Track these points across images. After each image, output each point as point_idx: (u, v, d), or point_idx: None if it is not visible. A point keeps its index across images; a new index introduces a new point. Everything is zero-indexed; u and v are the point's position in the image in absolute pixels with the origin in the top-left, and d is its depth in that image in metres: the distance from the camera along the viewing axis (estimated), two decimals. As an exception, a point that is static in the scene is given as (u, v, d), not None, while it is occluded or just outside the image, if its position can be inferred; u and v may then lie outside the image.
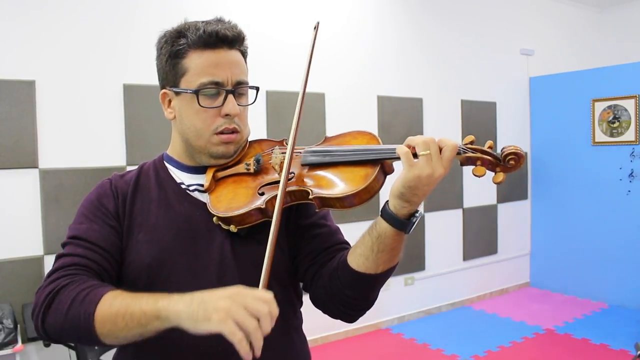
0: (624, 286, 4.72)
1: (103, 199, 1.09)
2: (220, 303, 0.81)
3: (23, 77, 2.87)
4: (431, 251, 4.62)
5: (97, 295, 0.91)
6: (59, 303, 0.92)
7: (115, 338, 0.91)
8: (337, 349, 3.91)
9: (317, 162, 1.03)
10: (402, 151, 0.91)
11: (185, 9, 3.31)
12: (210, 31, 1.04)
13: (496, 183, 0.94)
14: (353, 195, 0.96)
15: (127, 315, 0.88)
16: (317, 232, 1.12)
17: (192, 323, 0.83)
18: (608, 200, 4.80)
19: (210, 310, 0.81)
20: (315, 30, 1.10)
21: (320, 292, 1.07)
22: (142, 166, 1.19)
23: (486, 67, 5.03)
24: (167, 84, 1.10)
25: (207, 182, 1.09)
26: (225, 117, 1.06)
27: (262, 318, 0.80)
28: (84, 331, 0.90)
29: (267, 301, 0.82)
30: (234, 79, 1.06)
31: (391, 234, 0.94)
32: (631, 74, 4.65)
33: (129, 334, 0.89)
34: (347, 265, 1.00)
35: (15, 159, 2.86)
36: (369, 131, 1.07)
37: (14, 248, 2.86)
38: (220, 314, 0.79)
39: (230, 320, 0.79)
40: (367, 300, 1.05)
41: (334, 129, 3.97)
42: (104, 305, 0.90)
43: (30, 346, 2.84)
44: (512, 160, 0.92)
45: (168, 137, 1.20)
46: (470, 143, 0.96)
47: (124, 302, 0.89)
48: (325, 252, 1.10)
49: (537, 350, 3.87)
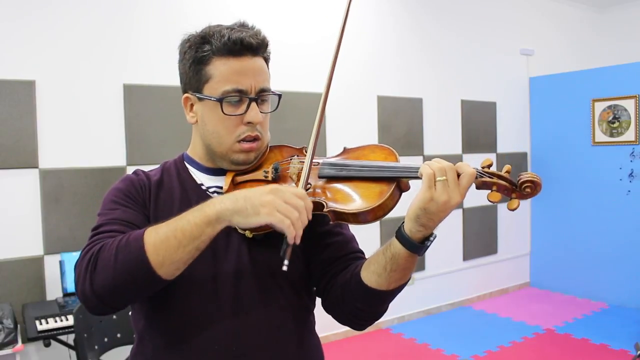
0: (624, 286, 4.72)
1: (131, 189, 1.09)
2: (264, 198, 0.87)
3: (23, 77, 2.87)
4: (431, 251, 4.55)
5: (140, 233, 0.92)
6: (104, 259, 0.91)
7: (171, 262, 0.90)
8: (337, 349, 3.91)
9: (334, 175, 1.04)
10: (426, 172, 0.90)
11: (185, 9, 3.31)
12: (235, 39, 1.03)
13: (511, 210, 0.92)
14: (367, 212, 0.96)
15: (178, 233, 0.89)
16: (332, 240, 1.13)
17: (242, 218, 0.88)
18: (608, 200, 4.80)
19: (257, 204, 0.87)
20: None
21: (332, 301, 1.10)
22: (164, 165, 1.19)
23: (486, 67, 5.03)
24: (189, 88, 1.10)
25: (226, 185, 1.09)
26: (248, 125, 1.06)
27: (301, 210, 0.88)
28: (139, 269, 0.89)
29: (303, 196, 0.90)
30: (257, 86, 1.06)
31: (405, 255, 0.95)
32: (631, 74, 4.65)
33: (184, 252, 0.90)
34: (360, 280, 1.02)
35: (15, 159, 2.86)
36: (388, 146, 1.07)
37: (14, 248, 2.86)
38: (267, 208, 0.87)
39: (276, 212, 0.86)
40: (377, 312, 1.08)
41: (334, 129, 3.99)
42: (151, 236, 0.90)
43: (30, 346, 2.84)
44: (529, 188, 0.91)
45: (168, 137, 1.20)
46: (487, 166, 0.94)
47: (169, 225, 0.91)
48: (339, 260, 1.11)
49: (537, 350, 3.87)
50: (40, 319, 2.57)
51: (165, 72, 3.11)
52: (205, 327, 1.03)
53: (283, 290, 1.08)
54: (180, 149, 1.24)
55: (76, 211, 3.01)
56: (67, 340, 2.72)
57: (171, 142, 3.20)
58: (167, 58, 2.56)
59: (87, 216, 3.00)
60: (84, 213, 3.00)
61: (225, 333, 1.03)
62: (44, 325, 2.54)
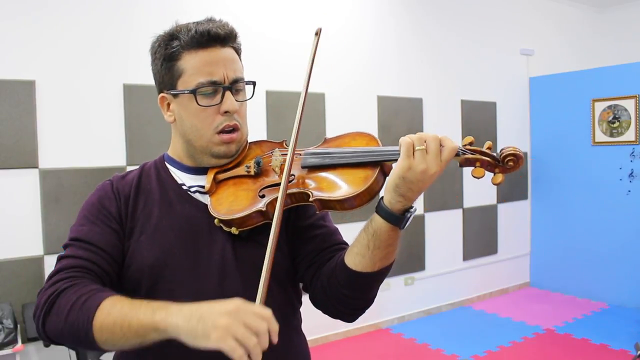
0: (624, 286, 4.72)
1: (104, 201, 1.09)
2: (219, 320, 0.81)
3: (23, 77, 2.87)
4: (431, 251, 4.62)
5: (96, 302, 0.91)
6: (58, 307, 0.93)
7: (113, 346, 0.92)
8: (337, 349, 3.91)
9: (317, 164, 1.04)
10: (404, 141, 0.91)
11: (185, 9, 3.31)
12: (202, 31, 1.04)
13: (495, 184, 0.94)
14: (353, 197, 0.96)
15: (124, 326, 0.87)
16: (315, 233, 1.12)
17: (191, 339, 0.83)
18: (608, 200, 4.80)
19: (210, 327, 0.81)
20: (317, 37, 1.11)
21: (319, 293, 1.08)
22: (143, 166, 1.18)
23: (486, 67, 5.03)
24: (164, 87, 1.10)
25: (208, 183, 1.09)
26: (225, 115, 1.06)
27: (261, 335, 0.81)
28: (83, 337, 0.91)
29: (266, 318, 0.83)
30: (230, 76, 1.06)
31: (386, 229, 0.94)
32: (631, 74, 4.65)
33: (127, 343, 0.90)
34: (344, 264, 1.01)
35: (15, 159, 2.86)
36: (368, 132, 1.07)
37: (14, 248, 2.86)
38: (219, 332, 0.80)
39: (230, 338, 0.79)
40: (366, 299, 1.06)
41: (334, 129, 3.98)
42: (102, 314, 0.90)
43: (30, 346, 2.84)
44: (511, 162, 0.93)
45: (168, 137, 1.20)
46: (469, 144, 0.96)
47: (122, 312, 0.89)
48: (323, 252, 1.10)
49: (537, 350, 3.87)
50: (40, 319, 2.56)
51: (165, 72, 3.11)
52: None
53: (268, 287, 1.07)
54: (180, 149, 1.23)
55: (76, 211, 2.96)
56: (67, 340, 2.72)
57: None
58: (167, 58, 2.56)
59: (87, 216, 2.99)
60: (84, 213, 3.00)
61: None
62: (44, 325, 2.53)
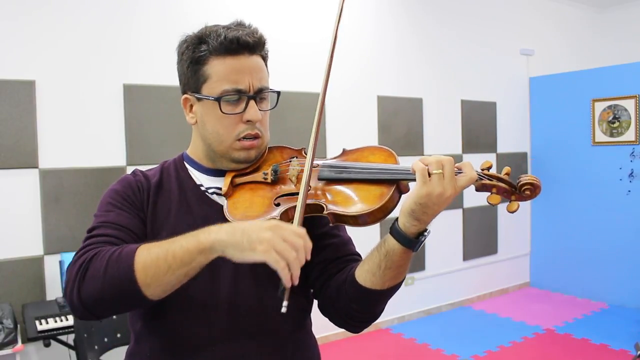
0: (624, 286, 4.72)
1: (128, 191, 1.08)
2: (263, 234, 0.84)
3: (23, 77, 2.87)
4: (431, 251, 4.62)
5: (132, 249, 0.91)
6: (94, 269, 0.90)
7: (158, 285, 0.89)
8: (337, 349, 3.91)
9: (334, 177, 1.04)
10: (418, 167, 0.91)
11: (185, 9, 3.31)
12: (231, 37, 1.03)
13: (510, 212, 0.92)
14: (367, 214, 0.96)
15: (169, 257, 0.87)
16: (328, 242, 1.13)
17: (237, 252, 0.86)
18: (608, 200, 4.80)
19: (255, 240, 0.84)
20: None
21: (327, 303, 1.09)
22: (163, 164, 1.19)
23: (486, 67, 5.03)
24: (188, 89, 1.10)
25: (225, 186, 1.09)
26: (247, 123, 1.06)
27: (300, 250, 0.85)
28: (125, 286, 0.88)
29: (302, 236, 0.86)
30: (255, 85, 1.06)
31: (400, 251, 0.95)
32: (631, 74, 4.65)
33: (172, 277, 0.88)
34: (354, 280, 1.02)
35: (15, 159, 2.86)
36: (387, 148, 1.07)
37: (14, 248, 2.86)
38: (264, 245, 0.84)
39: (273, 251, 0.83)
40: (373, 313, 1.07)
41: (334, 129, 3.99)
42: (142, 254, 0.89)
43: (30, 346, 2.84)
44: (528, 191, 0.92)
45: (168, 137, 1.20)
46: (487, 169, 0.95)
47: (162, 247, 0.89)
48: (335, 262, 1.11)
49: (537, 350, 3.87)
50: (40, 319, 2.57)
51: (165, 72, 3.10)
52: (203, 327, 1.04)
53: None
54: (180, 149, 1.23)
55: (76, 211, 3.01)
56: (67, 340, 2.72)
57: (171, 142, 3.20)
58: (167, 58, 2.55)
59: (87, 216, 2.99)
60: (83, 213, 3.00)
61: (222, 334, 1.04)
62: (44, 325, 2.54)
